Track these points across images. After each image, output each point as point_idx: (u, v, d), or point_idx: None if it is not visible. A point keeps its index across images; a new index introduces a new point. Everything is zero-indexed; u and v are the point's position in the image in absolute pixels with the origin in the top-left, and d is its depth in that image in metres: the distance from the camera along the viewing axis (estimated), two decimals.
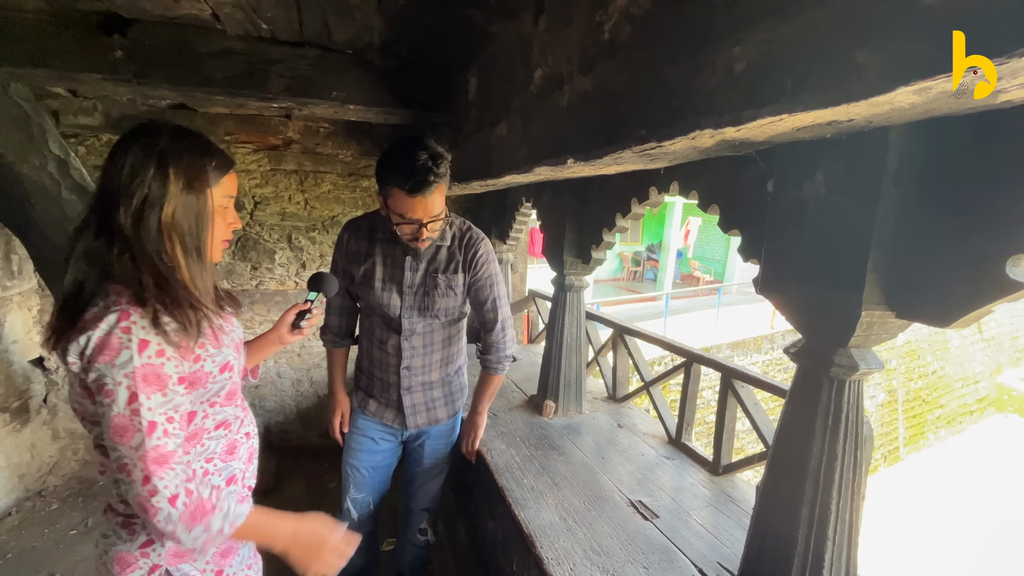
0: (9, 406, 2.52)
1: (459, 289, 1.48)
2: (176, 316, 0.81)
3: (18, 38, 1.43)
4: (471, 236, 1.48)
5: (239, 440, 0.99)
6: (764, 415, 1.56)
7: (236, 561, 0.99)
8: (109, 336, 0.76)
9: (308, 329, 1.16)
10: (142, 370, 0.76)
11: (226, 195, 0.92)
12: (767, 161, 1.01)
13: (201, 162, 0.86)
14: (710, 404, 7.55)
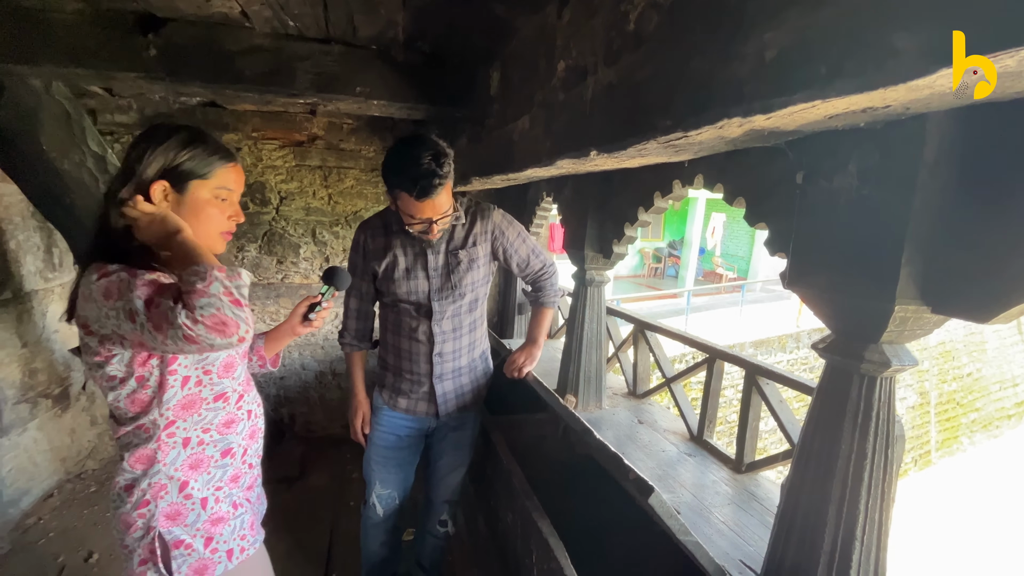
0: (51, 392, 2.64)
1: (481, 261, 1.51)
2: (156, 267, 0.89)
3: (58, 38, 1.49)
4: (480, 210, 1.51)
5: (237, 416, 1.04)
6: (789, 413, 1.53)
7: (227, 530, 1.03)
8: (101, 283, 0.83)
9: (319, 322, 1.19)
10: (148, 283, 0.82)
11: (220, 187, 0.96)
12: (796, 153, 0.98)
13: (181, 149, 0.92)
14: (731, 403, 7.43)
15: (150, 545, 0.95)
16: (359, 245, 1.51)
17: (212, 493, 1.01)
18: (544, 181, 2.43)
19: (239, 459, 1.05)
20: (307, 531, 2.46)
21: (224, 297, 0.81)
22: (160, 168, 0.90)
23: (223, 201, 0.97)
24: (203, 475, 1.00)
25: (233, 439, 1.04)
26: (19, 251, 2.41)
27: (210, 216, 0.96)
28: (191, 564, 0.97)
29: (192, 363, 0.94)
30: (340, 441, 3.39)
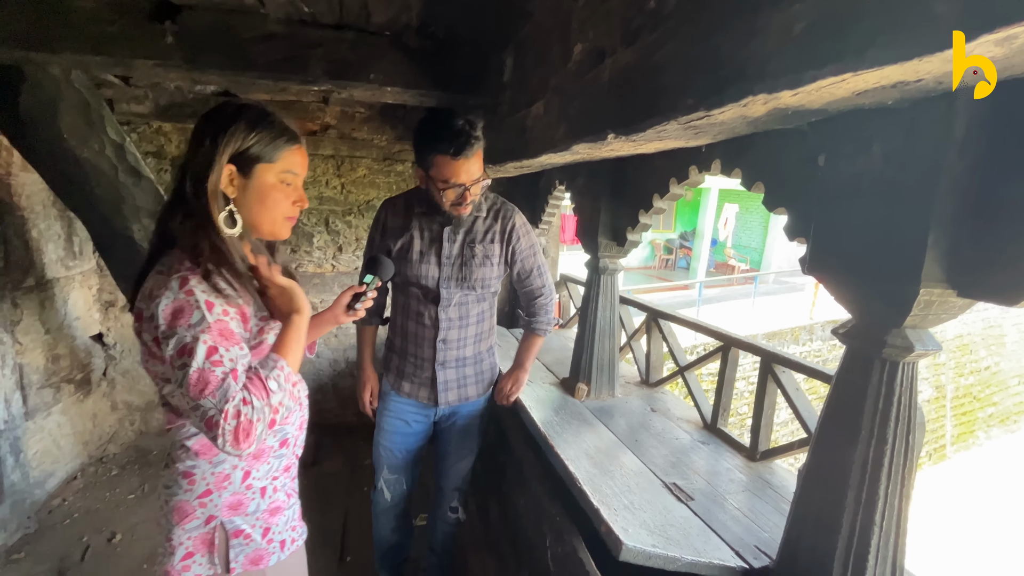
0: (73, 378, 2.71)
1: (495, 260, 1.52)
2: (232, 282, 0.85)
3: (78, 25, 1.51)
4: (504, 209, 1.55)
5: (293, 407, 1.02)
6: (806, 401, 1.51)
7: (282, 521, 1.04)
8: (177, 301, 0.80)
9: (362, 311, 1.19)
10: (216, 326, 0.81)
11: (286, 170, 0.93)
12: (818, 135, 0.97)
13: (248, 132, 0.88)
14: (742, 395, 7.39)
15: (206, 535, 0.94)
16: (379, 221, 1.54)
17: (270, 483, 1.00)
18: (557, 169, 2.41)
19: (291, 449, 1.05)
20: (322, 515, 2.51)
21: (271, 415, 0.82)
22: (230, 153, 0.87)
23: (288, 185, 0.94)
24: (264, 464, 0.99)
25: (288, 429, 1.03)
26: (41, 239, 2.46)
27: (276, 201, 0.93)
28: (248, 554, 0.97)
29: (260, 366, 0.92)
30: (353, 429, 3.44)
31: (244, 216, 0.91)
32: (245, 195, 0.91)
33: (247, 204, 0.91)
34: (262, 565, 0.99)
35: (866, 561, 0.95)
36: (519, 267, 1.56)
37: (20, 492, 2.31)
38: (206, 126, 0.89)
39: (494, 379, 1.74)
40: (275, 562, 1.01)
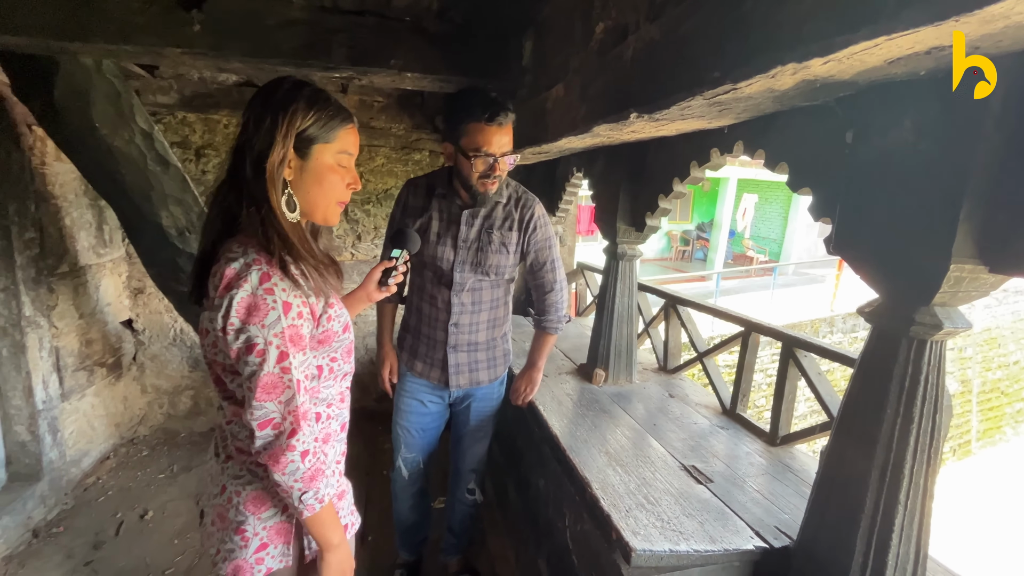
0: (105, 361, 2.80)
1: (512, 247, 1.52)
2: (305, 271, 0.83)
3: (109, 15, 1.55)
4: (526, 198, 1.54)
5: (346, 392, 1.03)
6: (828, 385, 1.50)
7: (345, 505, 1.03)
8: (255, 297, 0.78)
9: (393, 287, 1.16)
10: (289, 330, 0.80)
11: (342, 151, 0.88)
12: (846, 110, 0.95)
13: (307, 111, 0.83)
14: (760, 388, 7.31)
15: (282, 525, 0.93)
16: (401, 200, 1.56)
17: (335, 467, 0.99)
18: (574, 155, 2.40)
19: (345, 433, 1.05)
20: None
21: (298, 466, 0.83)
22: (293, 133, 0.82)
23: (343, 167, 0.90)
24: (330, 448, 0.98)
25: (345, 413, 1.03)
26: (74, 227, 2.54)
27: (332, 184, 0.88)
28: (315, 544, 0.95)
29: (323, 353, 0.92)
30: (372, 414, 3.50)
31: (300, 200, 0.87)
32: (303, 177, 0.86)
33: (304, 187, 0.86)
34: None
35: (889, 540, 0.95)
36: (533, 258, 1.56)
37: (58, 469, 2.41)
38: (265, 104, 0.84)
39: (507, 365, 1.75)
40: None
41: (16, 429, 2.27)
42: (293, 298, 0.81)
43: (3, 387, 2.23)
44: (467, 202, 1.48)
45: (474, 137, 1.32)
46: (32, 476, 2.30)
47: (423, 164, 3.32)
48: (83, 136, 1.89)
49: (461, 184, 1.43)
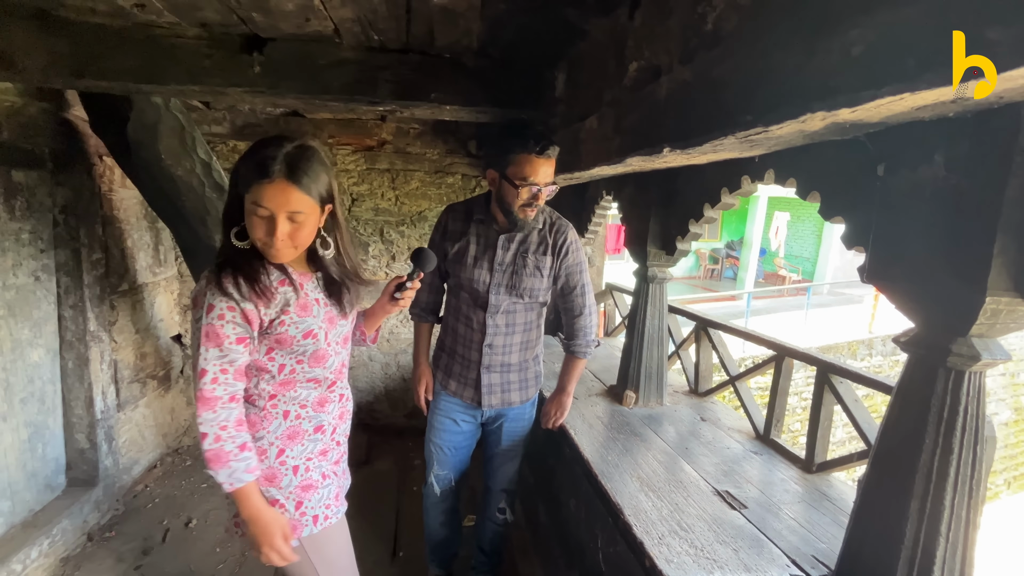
0: (157, 374, 2.97)
1: (546, 271, 1.58)
2: (245, 285, 1.00)
3: (181, 60, 1.70)
4: (560, 223, 1.60)
5: (330, 397, 1.18)
6: (865, 412, 1.48)
7: (315, 498, 1.16)
8: (196, 295, 1.02)
9: (405, 301, 1.25)
10: (207, 328, 0.99)
11: (252, 203, 0.97)
12: (877, 144, 0.98)
13: (239, 165, 1.01)
14: (794, 411, 7.08)
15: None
16: (441, 224, 1.64)
17: (303, 463, 1.14)
18: (604, 180, 2.46)
19: (328, 436, 1.19)
20: (375, 512, 2.63)
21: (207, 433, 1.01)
22: (235, 182, 1.04)
23: (257, 217, 0.98)
24: (297, 446, 1.13)
25: (325, 417, 1.17)
26: (134, 248, 2.74)
27: (252, 226, 1.00)
28: None
29: (287, 354, 1.09)
30: (402, 430, 3.57)
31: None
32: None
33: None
34: (296, 534, 1.12)
35: (931, 572, 0.94)
36: (564, 281, 1.61)
37: (112, 476, 2.56)
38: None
39: (539, 387, 1.79)
40: (307, 534, 1.14)
41: (77, 437, 2.42)
42: (218, 300, 0.99)
43: (67, 397, 2.39)
44: (504, 227, 1.54)
45: (522, 167, 1.40)
46: (89, 482, 2.44)
47: (455, 187, 3.44)
48: (150, 166, 2.06)
49: (502, 210, 1.50)
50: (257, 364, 1.08)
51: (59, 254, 2.26)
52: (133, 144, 2.01)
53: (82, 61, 1.66)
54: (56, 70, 1.64)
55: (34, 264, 2.15)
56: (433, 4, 1.42)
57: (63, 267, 2.28)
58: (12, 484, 2.06)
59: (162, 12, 1.53)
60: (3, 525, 2.02)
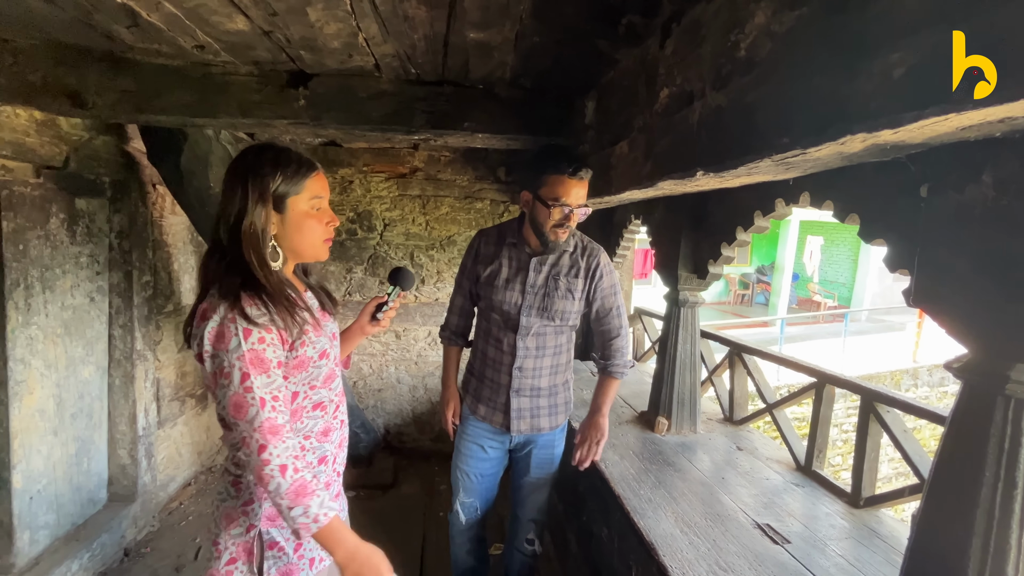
0: (195, 393, 3.07)
1: (577, 294, 1.58)
2: (269, 308, 0.93)
3: (233, 95, 1.83)
4: (592, 247, 1.62)
5: (333, 425, 1.09)
6: (916, 444, 1.41)
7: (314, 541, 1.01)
8: (221, 326, 0.89)
9: (386, 321, 1.22)
10: (249, 354, 0.89)
11: (313, 197, 0.99)
12: (920, 165, 0.96)
13: (273, 174, 0.95)
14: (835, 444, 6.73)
15: (247, 544, 0.99)
16: (473, 247, 1.66)
17: None
18: (632, 204, 2.47)
19: (330, 467, 1.09)
20: (401, 536, 2.61)
21: (282, 477, 0.88)
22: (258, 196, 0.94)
23: (318, 210, 1.01)
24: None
25: (328, 447, 1.08)
26: (180, 271, 2.88)
27: (312, 228, 1.00)
28: (280, 567, 1.01)
29: (301, 379, 1.00)
30: (429, 454, 3.56)
31: (286, 246, 1.00)
32: (285, 229, 0.98)
33: (288, 236, 0.99)
34: None
35: None
36: (599, 304, 1.60)
37: (149, 493, 2.62)
38: (234, 174, 0.97)
39: (568, 414, 1.75)
40: None
41: (119, 452, 2.51)
42: (252, 326, 0.90)
43: (113, 413, 2.49)
44: (536, 249, 1.56)
45: (555, 188, 1.43)
46: (128, 498, 2.51)
47: (484, 212, 3.50)
48: (200, 194, 2.18)
49: (534, 231, 1.52)
50: None
51: (112, 276, 2.40)
52: (186, 173, 2.14)
53: (144, 98, 1.79)
54: (122, 106, 1.78)
55: (90, 286, 2.28)
56: (469, 39, 1.49)
57: (116, 288, 2.41)
58: (59, 497, 2.14)
59: (219, 52, 1.65)
60: (49, 537, 2.09)
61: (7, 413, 1.86)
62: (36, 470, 2.01)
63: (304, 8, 1.30)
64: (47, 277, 2.02)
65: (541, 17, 1.35)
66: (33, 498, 1.99)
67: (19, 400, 1.91)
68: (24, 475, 1.94)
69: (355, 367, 3.55)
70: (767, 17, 0.87)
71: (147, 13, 1.36)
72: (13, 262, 1.84)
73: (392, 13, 1.33)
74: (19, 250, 1.87)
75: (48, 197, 2.00)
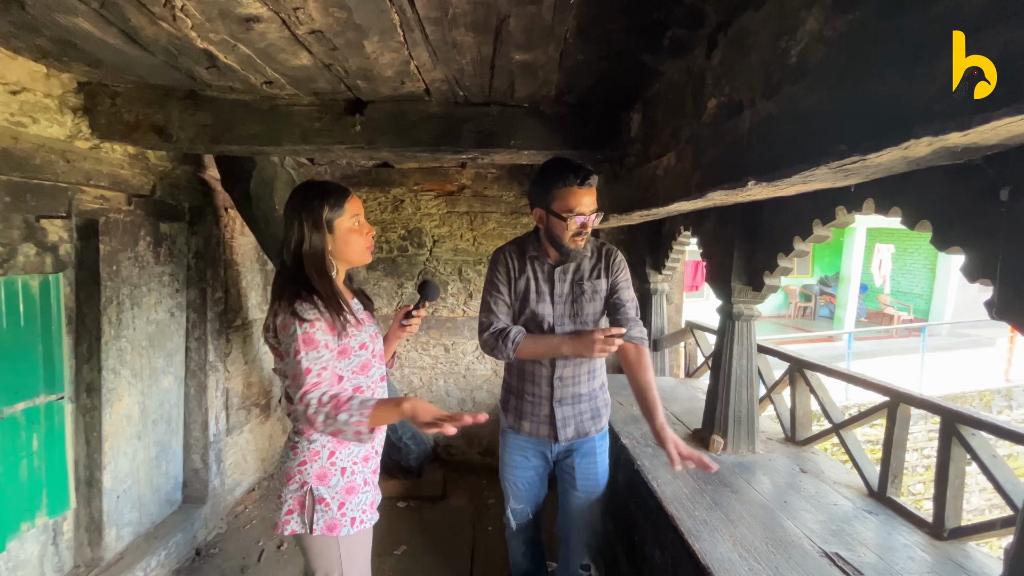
0: (259, 402, 3.26)
1: (602, 294, 1.63)
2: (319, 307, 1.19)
3: (296, 124, 1.97)
4: (607, 247, 1.67)
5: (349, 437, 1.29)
6: (1008, 472, 1.28)
7: (355, 501, 1.29)
8: (285, 319, 1.19)
9: (412, 328, 1.49)
10: (302, 336, 1.16)
11: (353, 215, 1.28)
12: (997, 167, 0.90)
13: (321, 206, 1.24)
14: (915, 470, 6.16)
15: (301, 497, 1.23)
16: (501, 266, 1.65)
17: (350, 465, 1.29)
18: (681, 215, 2.42)
19: (370, 443, 1.32)
20: (450, 548, 2.63)
21: (330, 427, 1.15)
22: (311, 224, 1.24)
23: (359, 224, 1.30)
24: (345, 449, 1.28)
25: None
26: (247, 288, 3.09)
27: (356, 240, 1.30)
28: (326, 520, 1.24)
29: (344, 365, 1.26)
30: (477, 467, 3.58)
31: (338, 258, 1.29)
32: (336, 245, 1.27)
33: (339, 250, 1.28)
34: (335, 533, 1.24)
35: None
36: (616, 297, 1.63)
37: (218, 496, 2.80)
38: (290, 212, 1.26)
39: (608, 416, 1.77)
40: (344, 533, 1.26)
41: (193, 457, 2.70)
42: (309, 315, 1.17)
43: (188, 420, 2.69)
44: (557, 260, 1.61)
45: (567, 200, 1.46)
46: (199, 500, 2.69)
47: (529, 227, 3.51)
48: (267, 215, 2.35)
49: (552, 243, 1.57)
50: None
51: (190, 293, 2.61)
52: (254, 197, 2.32)
53: (219, 130, 1.96)
54: (200, 139, 1.96)
55: (171, 302, 2.50)
56: (514, 61, 1.53)
57: (192, 304, 2.62)
58: (141, 497, 2.33)
59: (284, 86, 1.79)
60: (132, 534, 2.27)
61: (100, 418, 2.05)
62: (122, 471, 2.19)
63: (361, 41, 1.39)
64: (135, 295, 2.23)
65: (585, 36, 1.37)
66: (120, 497, 2.18)
67: (110, 406, 2.10)
68: (112, 475, 2.13)
69: (406, 380, 3.65)
70: (819, 22, 0.85)
71: (224, 55, 1.50)
72: (108, 281, 2.05)
73: (441, 41, 1.40)
74: (113, 270, 2.08)
75: (137, 222, 2.23)
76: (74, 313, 2.00)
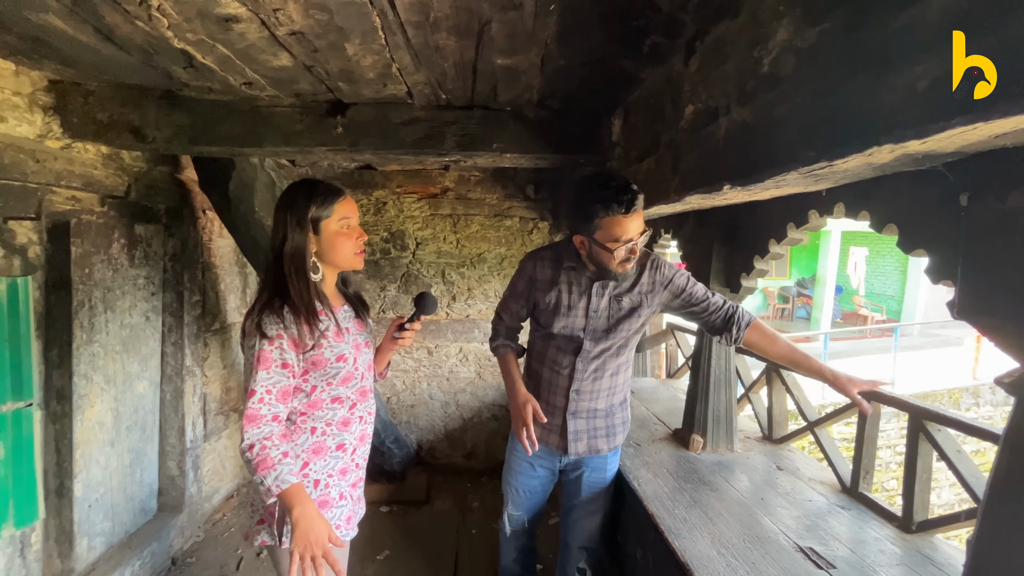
0: (238, 407, 3.19)
1: (643, 311, 1.51)
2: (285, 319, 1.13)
3: (278, 125, 1.95)
4: (650, 259, 1.53)
5: (352, 418, 1.28)
6: (971, 466, 1.33)
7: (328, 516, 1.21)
8: (251, 329, 1.14)
9: (405, 340, 1.39)
10: (259, 353, 1.11)
11: (341, 219, 1.20)
12: (957, 173, 0.94)
13: (307, 204, 1.17)
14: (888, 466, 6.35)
15: (271, 507, 1.18)
16: (526, 272, 1.57)
17: (324, 478, 1.23)
18: (662, 218, 2.46)
19: (349, 455, 1.28)
20: (434, 551, 2.62)
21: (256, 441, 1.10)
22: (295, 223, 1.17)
23: (348, 228, 1.22)
24: (321, 460, 1.23)
25: (347, 437, 1.27)
26: (226, 291, 3.03)
27: (343, 243, 1.22)
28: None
29: (319, 376, 1.21)
30: (461, 471, 3.58)
31: (324, 261, 1.22)
32: (322, 247, 1.20)
33: (324, 253, 1.21)
34: None
35: None
36: (688, 296, 1.52)
37: (195, 504, 2.73)
38: (278, 211, 1.20)
39: (626, 434, 1.69)
40: None
41: (169, 464, 2.63)
42: (271, 330, 1.11)
43: (163, 426, 2.62)
44: (596, 274, 1.48)
45: (612, 230, 1.32)
46: (176, 508, 2.62)
47: (513, 230, 3.55)
48: (246, 218, 2.32)
49: (596, 267, 1.44)
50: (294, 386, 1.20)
51: (166, 296, 2.55)
52: (233, 199, 2.28)
53: (197, 131, 1.93)
54: (177, 139, 1.93)
55: (146, 306, 2.44)
56: (497, 65, 1.55)
57: (168, 308, 2.56)
58: (114, 506, 2.27)
59: (265, 87, 1.77)
60: (104, 544, 2.21)
61: (71, 425, 1.99)
62: (95, 479, 2.13)
63: (342, 44, 1.39)
64: (108, 298, 2.17)
65: (566, 42, 1.39)
66: (91, 506, 2.11)
67: (81, 413, 2.04)
68: (84, 484, 2.06)
69: (388, 382, 3.62)
70: (789, 33, 0.88)
71: (202, 56, 1.48)
72: (80, 284, 2.00)
73: (424, 44, 1.40)
74: (85, 273, 2.03)
75: (111, 224, 2.17)
76: (44, 317, 1.94)
